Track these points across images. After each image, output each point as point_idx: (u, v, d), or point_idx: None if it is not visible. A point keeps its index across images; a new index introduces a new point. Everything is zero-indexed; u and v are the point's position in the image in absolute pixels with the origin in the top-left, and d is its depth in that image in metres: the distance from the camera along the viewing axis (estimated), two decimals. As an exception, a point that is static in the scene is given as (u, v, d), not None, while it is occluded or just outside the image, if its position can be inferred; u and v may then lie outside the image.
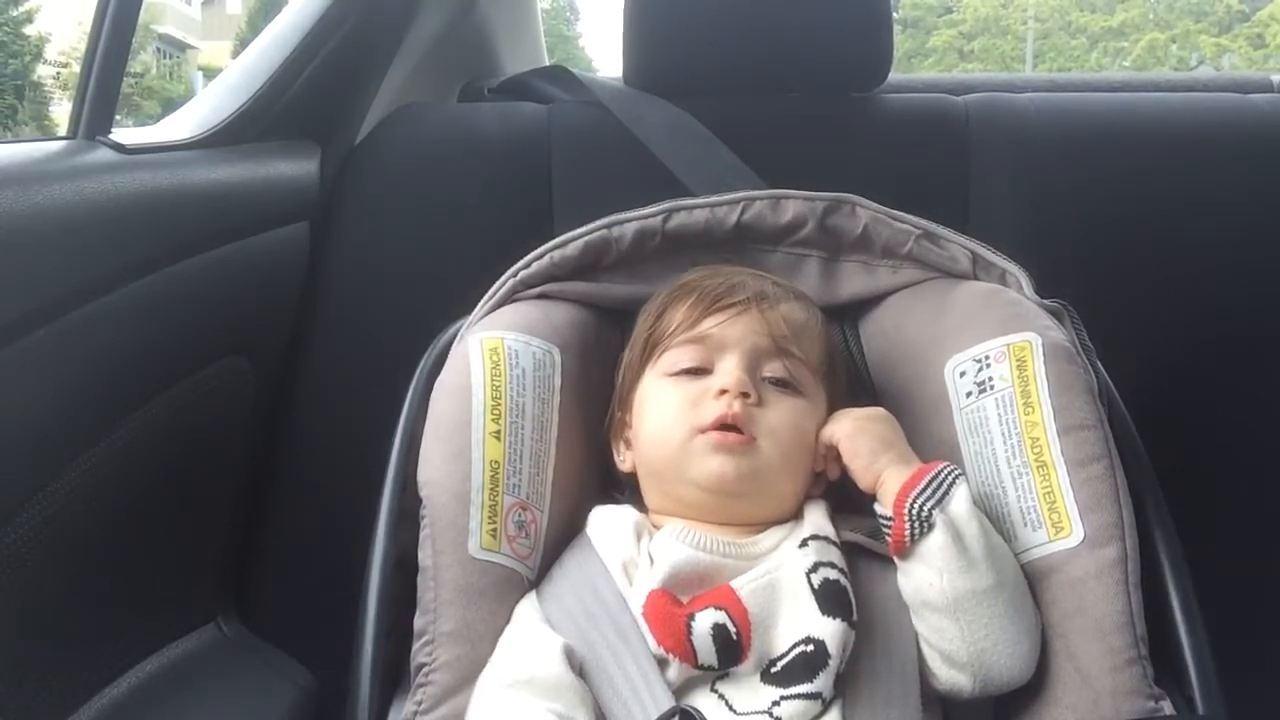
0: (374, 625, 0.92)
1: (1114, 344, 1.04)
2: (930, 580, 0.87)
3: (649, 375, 1.00)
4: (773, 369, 0.97)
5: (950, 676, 0.88)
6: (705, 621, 0.86)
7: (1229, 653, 0.90)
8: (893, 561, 0.90)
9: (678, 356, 0.98)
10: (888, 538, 0.89)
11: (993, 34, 18.93)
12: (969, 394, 0.98)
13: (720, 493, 0.93)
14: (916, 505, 0.87)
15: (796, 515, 0.95)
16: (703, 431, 0.93)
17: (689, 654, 0.85)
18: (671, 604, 0.87)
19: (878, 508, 0.91)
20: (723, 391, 0.94)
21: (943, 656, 0.88)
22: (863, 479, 0.92)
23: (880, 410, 0.97)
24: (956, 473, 0.90)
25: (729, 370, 0.95)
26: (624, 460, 1.02)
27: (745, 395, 0.94)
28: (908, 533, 0.87)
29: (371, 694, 0.90)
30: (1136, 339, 1.19)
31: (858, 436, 0.93)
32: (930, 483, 0.88)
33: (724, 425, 0.92)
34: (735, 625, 0.86)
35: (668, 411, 0.96)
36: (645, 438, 0.98)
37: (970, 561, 0.86)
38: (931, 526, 0.86)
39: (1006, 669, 0.88)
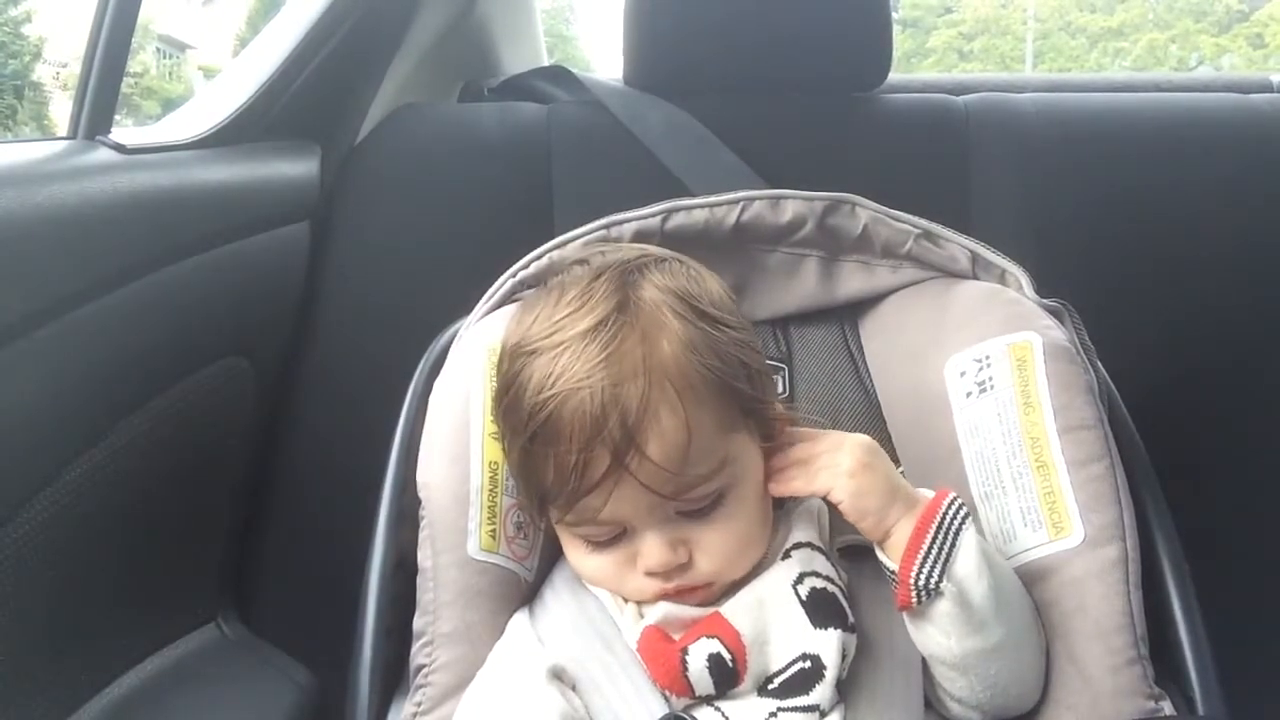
0: (373, 626, 0.92)
1: (1114, 344, 1.04)
2: (938, 640, 0.84)
3: (559, 526, 0.89)
4: (683, 506, 0.84)
5: (962, 712, 0.87)
6: (700, 655, 0.83)
7: (1229, 653, 0.90)
8: None
9: (584, 535, 0.87)
10: (894, 590, 0.85)
11: (993, 34, 18.92)
12: (969, 394, 0.98)
13: None
14: (922, 577, 0.82)
15: (780, 527, 0.91)
16: (647, 599, 0.88)
17: (686, 689, 0.83)
18: (664, 640, 0.84)
19: (883, 558, 0.86)
20: (651, 573, 0.85)
21: (952, 698, 0.87)
22: (872, 535, 0.86)
23: (867, 441, 0.87)
24: (963, 514, 0.85)
25: (648, 553, 0.84)
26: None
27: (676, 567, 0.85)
28: (914, 599, 0.83)
29: (371, 694, 0.90)
30: (1136, 339, 1.19)
31: (863, 498, 0.85)
32: (935, 540, 0.83)
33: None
34: (730, 652, 0.83)
35: (602, 578, 0.88)
36: (587, 581, 0.90)
37: (979, 623, 0.83)
38: (939, 595, 0.82)
39: (1017, 701, 0.87)
